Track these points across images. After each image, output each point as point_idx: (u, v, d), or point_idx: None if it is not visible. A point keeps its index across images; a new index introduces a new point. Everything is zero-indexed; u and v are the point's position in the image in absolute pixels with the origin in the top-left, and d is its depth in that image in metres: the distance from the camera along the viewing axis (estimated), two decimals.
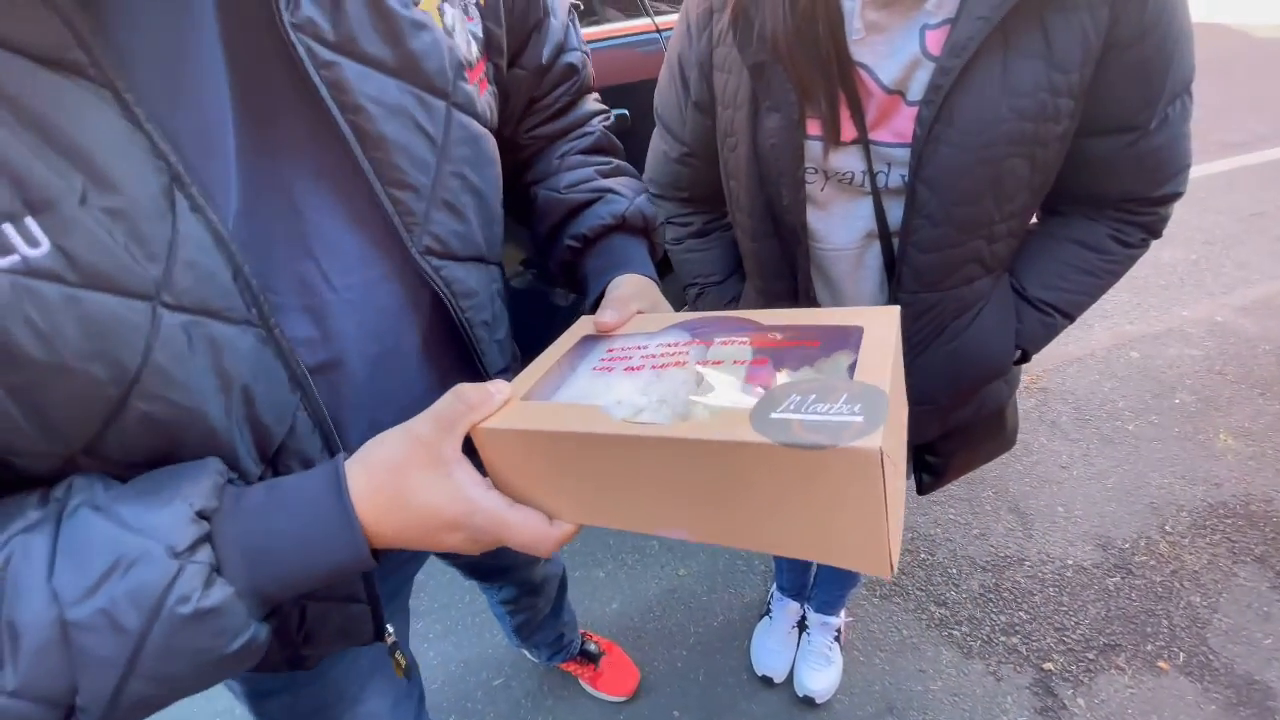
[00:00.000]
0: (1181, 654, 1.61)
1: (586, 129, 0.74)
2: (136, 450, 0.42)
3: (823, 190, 0.81)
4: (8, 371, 0.35)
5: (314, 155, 0.46)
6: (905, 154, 0.74)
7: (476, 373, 0.61)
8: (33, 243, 0.34)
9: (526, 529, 0.44)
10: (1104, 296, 0.89)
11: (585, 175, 0.68)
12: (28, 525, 0.38)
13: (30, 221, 0.33)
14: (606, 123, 0.77)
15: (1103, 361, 2.59)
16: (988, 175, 0.72)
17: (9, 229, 0.33)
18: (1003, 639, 1.67)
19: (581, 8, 1.54)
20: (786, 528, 0.39)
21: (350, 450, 0.47)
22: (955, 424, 0.97)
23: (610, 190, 0.68)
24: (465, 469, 0.44)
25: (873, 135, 0.76)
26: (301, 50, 0.42)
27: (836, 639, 1.63)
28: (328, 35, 0.43)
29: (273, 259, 0.45)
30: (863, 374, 0.38)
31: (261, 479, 0.48)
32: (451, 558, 1.00)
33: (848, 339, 0.44)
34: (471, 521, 0.43)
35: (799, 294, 0.88)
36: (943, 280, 0.81)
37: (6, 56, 0.33)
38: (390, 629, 0.64)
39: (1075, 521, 1.96)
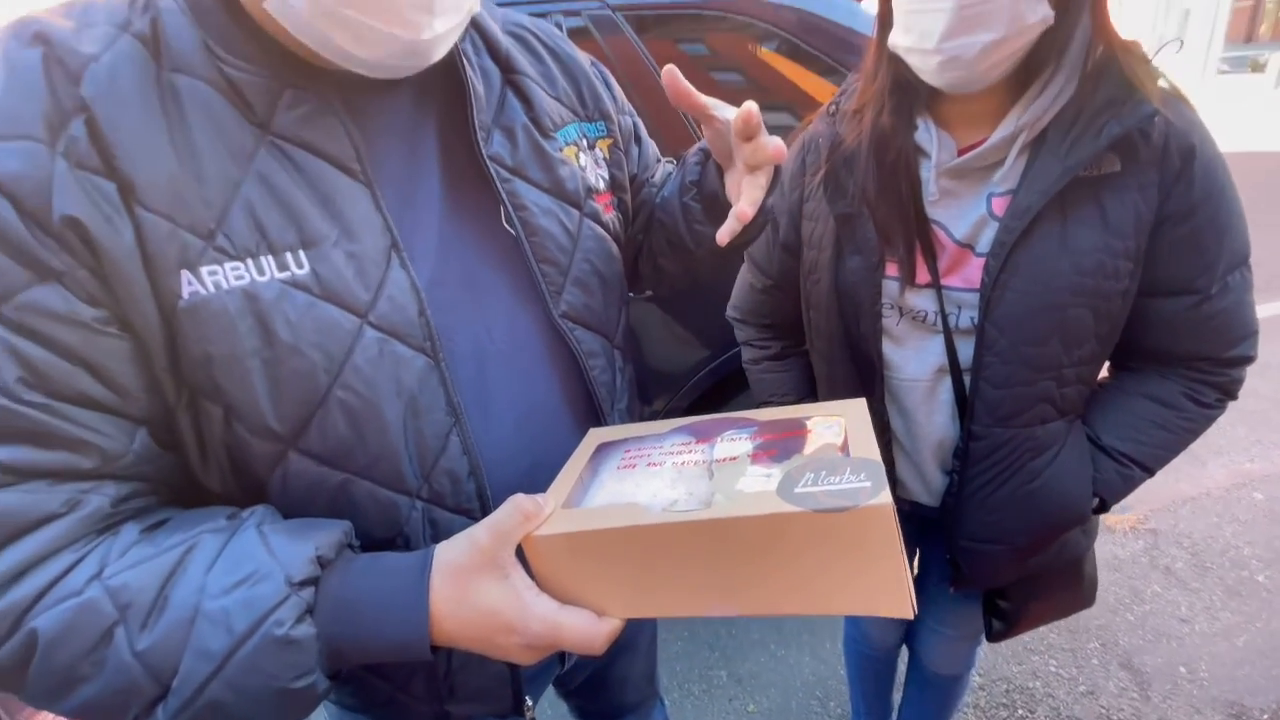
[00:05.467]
0: None
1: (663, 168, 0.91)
2: (332, 441, 0.54)
3: (898, 324, 0.88)
4: (264, 346, 0.50)
5: (491, 243, 0.64)
6: (974, 298, 0.81)
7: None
8: (300, 265, 0.51)
9: (578, 628, 0.50)
10: (1218, 431, 0.88)
11: (670, 169, 0.85)
12: (215, 528, 0.51)
13: (301, 252, 0.51)
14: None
15: (1221, 502, 2.38)
16: (1053, 320, 0.77)
17: (289, 255, 0.51)
18: None
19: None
20: (822, 586, 0.45)
21: (490, 477, 0.60)
22: (1030, 570, 0.95)
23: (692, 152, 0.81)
24: (519, 573, 0.51)
25: (945, 281, 0.83)
26: (493, 171, 0.62)
27: None
28: (508, 162, 0.64)
29: (454, 314, 0.60)
30: (855, 450, 0.47)
31: (419, 496, 0.59)
32: (567, 697, 1.04)
33: (830, 426, 0.53)
34: (526, 625, 0.49)
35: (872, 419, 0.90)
36: (1014, 417, 0.83)
37: (315, 160, 0.53)
38: (530, 702, 0.71)
39: (1201, 684, 1.74)
